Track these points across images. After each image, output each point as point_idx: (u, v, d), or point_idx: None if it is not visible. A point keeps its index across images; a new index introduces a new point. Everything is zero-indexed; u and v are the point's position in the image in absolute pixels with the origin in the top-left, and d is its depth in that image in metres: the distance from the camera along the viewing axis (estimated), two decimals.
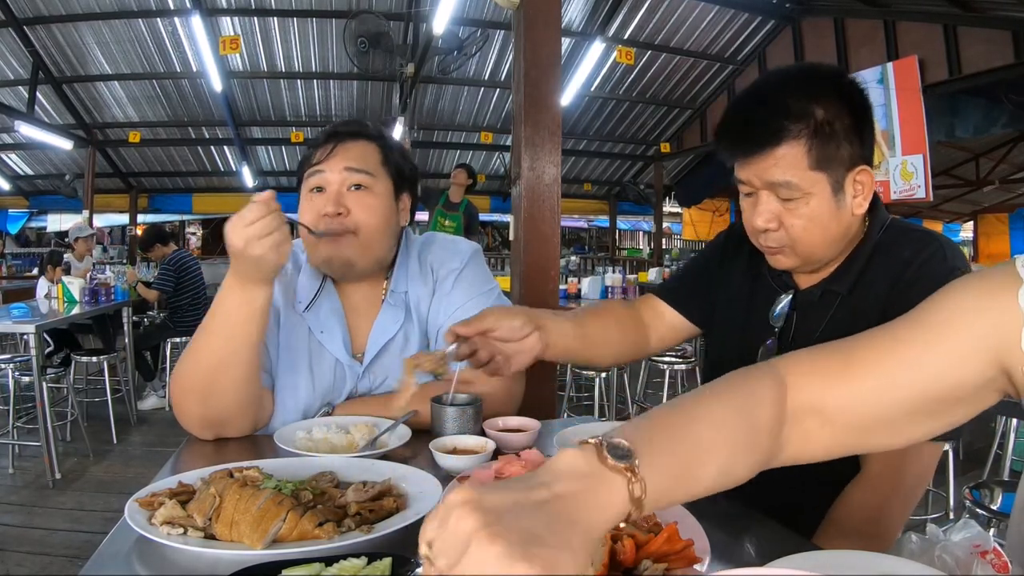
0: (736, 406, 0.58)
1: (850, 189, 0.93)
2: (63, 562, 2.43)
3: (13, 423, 3.49)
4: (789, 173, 0.89)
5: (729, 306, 1.12)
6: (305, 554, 0.63)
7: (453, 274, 1.21)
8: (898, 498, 0.93)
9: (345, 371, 1.15)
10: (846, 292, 0.97)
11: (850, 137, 0.90)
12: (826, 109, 0.89)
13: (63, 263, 5.36)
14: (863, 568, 0.64)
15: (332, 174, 1.11)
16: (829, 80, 0.92)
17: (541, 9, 2.29)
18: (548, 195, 2.31)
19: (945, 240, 0.96)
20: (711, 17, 6.99)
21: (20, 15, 6.33)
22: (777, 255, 0.98)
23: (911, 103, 5.63)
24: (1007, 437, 2.36)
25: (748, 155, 0.91)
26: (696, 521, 0.68)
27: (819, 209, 0.91)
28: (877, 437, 0.63)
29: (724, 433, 0.56)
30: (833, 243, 0.95)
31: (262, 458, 0.90)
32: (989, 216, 12.54)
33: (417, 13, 5.82)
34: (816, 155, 0.88)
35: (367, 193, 1.12)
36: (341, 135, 1.15)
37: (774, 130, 0.88)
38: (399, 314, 1.18)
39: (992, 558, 0.75)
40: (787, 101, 0.89)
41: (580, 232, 16.09)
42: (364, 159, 1.14)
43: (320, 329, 1.15)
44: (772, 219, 0.93)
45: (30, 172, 9.60)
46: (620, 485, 0.48)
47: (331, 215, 1.09)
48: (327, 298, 1.18)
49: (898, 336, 0.61)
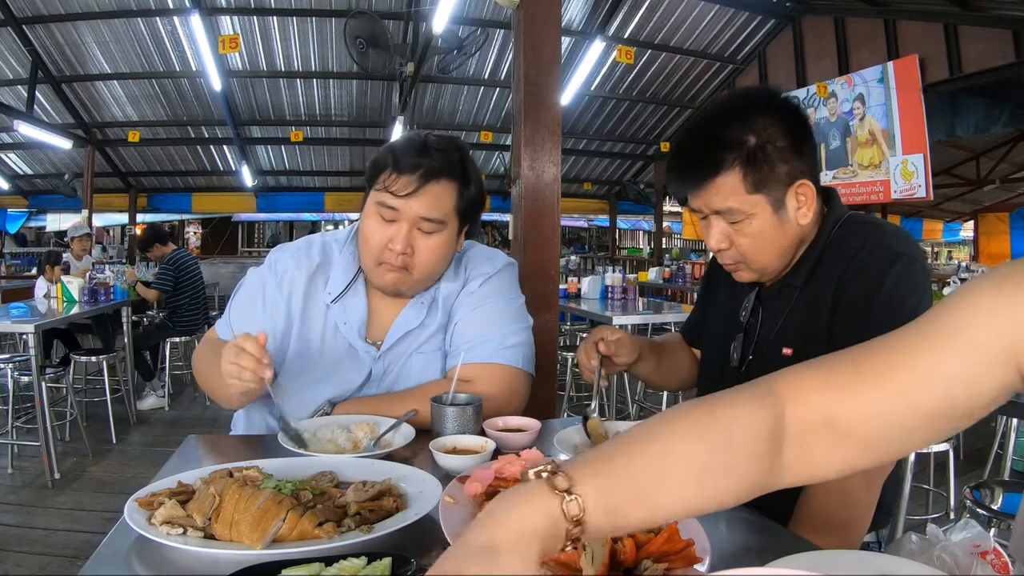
0: (701, 429, 0.55)
1: (792, 203, 0.99)
2: (62, 562, 2.42)
3: (12, 423, 3.49)
4: (729, 200, 0.97)
5: (715, 317, 1.23)
6: (305, 554, 0.63)
7: (483, 276, 1.24)
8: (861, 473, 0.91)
9: (360, 355, 1.18)
10: (801, 285, 1.04)
11: (785, 156, 0.96)
12: (758, 135, 0.95)
13: (62, 262, 5.35)
14: (863, 568, 0.64)
15: (407, 214, 1.11)
16: (760, 105, 0.98)
17: (541, 8, 2.29)
18: (548, 194, 2.30)
19: (892, 228, 1.02)
20: (711, 16, 6.99)
21: (19, 14, 6.32)
22: (737, 271, 1.07)
23: (911, 102, 5.63)
24: (1007, 437, 2.36)
25: (693, 189, 0.99)
26: (696, 521, 0.68)
27: (763, 227, 0.98)
28: (895, 446, 0.60)
29: (685, 457, 0.53)
30: (783, 253, 1.03)
31: (262, 458, 0.90)
32: (990, 215, 12.55)
33: (417, 12, 5.81)
34: (752, 179, 0.95)
35: (436, 236, 1.13)
36: (427, 173, 1.10)
37: (710, 163, 0.96)
38: (423, 310, 1.21)
39: (992, 558, 0.75)
40: (719, 133, 0.97)
41: (580, 231, 16.09)
42: (441, 206, 1.12)
43: (344, 321, 1.19)
44: (723, 240, 1.01)
45: (29, 171, 9.59)
46: (545, 494, 0.48)
47: (398, 252, 1.11)
48: (355, 292, 1.21)
49: (910, 342, 0.58)
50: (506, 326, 1.21)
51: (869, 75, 6.02)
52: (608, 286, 4.61)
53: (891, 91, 5.79)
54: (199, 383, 1.27)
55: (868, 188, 6.17)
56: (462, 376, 1.11)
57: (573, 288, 4.76)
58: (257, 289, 1.22)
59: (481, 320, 1.20)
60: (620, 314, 3.92)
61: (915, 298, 0.95)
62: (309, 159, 9.90)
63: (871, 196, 6.18)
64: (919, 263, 0.98)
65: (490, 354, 1.17)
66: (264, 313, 1.20)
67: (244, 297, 1.24)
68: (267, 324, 1.18)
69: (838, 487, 0.92)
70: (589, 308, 4.30)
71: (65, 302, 4.25)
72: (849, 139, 6.31)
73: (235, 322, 1.21)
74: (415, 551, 0.67)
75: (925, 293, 0.97)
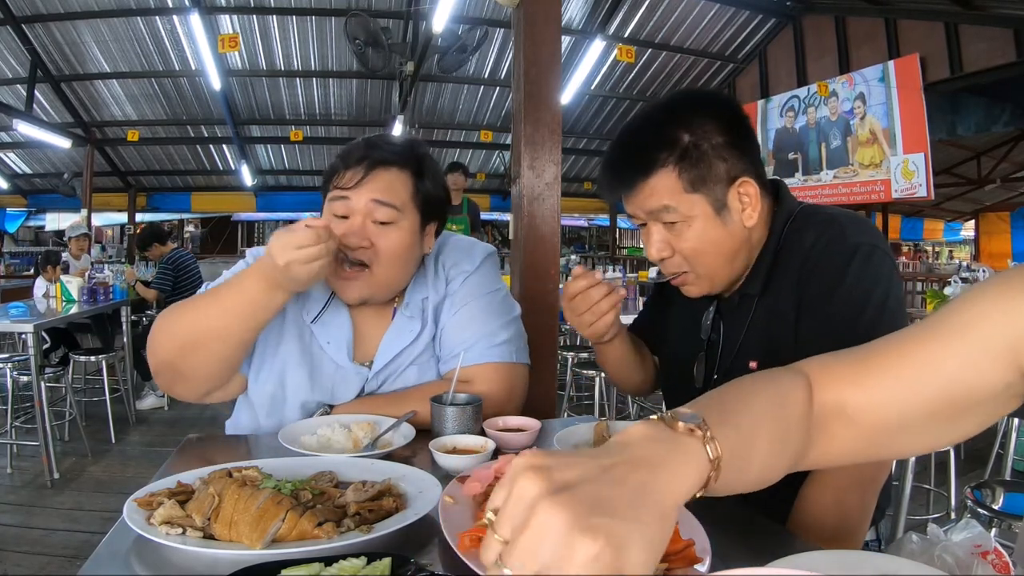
0: (770, 397, 0.58)
1: (735, 204, 0.94)
2: (61, 562, 2.42)
3: (11, 423, 3.49)
4: (665, 198, 0.92)
5: (674, 331, 1.18)
6: (304, 554, 0.63)
7: (463, 274, 1.20)
8: (856, 489, 0.91)
9: (349, 376, 1.14)
10: (759, 292, 0.99)
11: (723, 154, 0.92)
12: (692, 133, 0.92)
13: (61, 262, 5.35)
14: (863, 568, 0.63)
15: (358, 203, 1.06)
16: (694, 104, 0.95)
17: (541, 7, 2.29)
18: (548, 194, 2.30)
19: (848, 218, 0.97)
20: (712, 15, 6.99)
21: (18, 13, 6.32)
22: (685, 285, 1.01)
23: (912, 101, 5.63)
24: (1008, 437, 2.36)
25: (627, 191, 0.95)
26: (697, 521, 0.68)
27: (704, 229, 0.93)
28: (898, 441, 0.63)
29: (768, 418, 0.56)
30: (731, 258, 0.97)
31: (261, 458, 0.90)
32: (991, 215, 12.54)
33: (417, 11, 5.81)
34: (688, 177, 0.91)
35: (393, 229, 1.08)
36: (374, 161, 1.08)
37: (642, 162, 0.93)
38: (415, 324, 1.16)
39: (993, 558, 0.75)
40: (651, 132, 0.94)
41: (580, 231, 16.09)
42: (393, 191, 1.08)
43: (327, 340, 1.13)
44: (664, 247, 0.96)
45: (28, 171, 9.59)
46: (696, 447, 0.46)
47: (353, 248, 1.05)
48: (335, 310, 1.15)
49: (917, 338, 0.60)
50: (492, 322, 1.18)
51: (870, 74, 6.02)
52: None
53: (892, 90, 5.79)
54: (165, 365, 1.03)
55: (869, 187, 6.17)
56: (459, 378, 1.10)
57: None
58: None
59: (467, 321, 1.17)
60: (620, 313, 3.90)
61: (880, 289, 0.90)
62: (309, 158, 9.90)
63: (872, 195, 6.18)
64: (880, 250, 0.93)
65: (482, 354, 1.15)
66: None
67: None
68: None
69: (832, 495, 0.90)
70: None
71: (64, 302, 4.25)
72: (850, 138, 6.31)
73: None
74: (415, 551, 0.67)
75: (891, 281, 0.92)
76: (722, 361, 1.04)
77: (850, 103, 6.24)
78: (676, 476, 0.45)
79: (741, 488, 0.53)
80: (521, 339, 1.23)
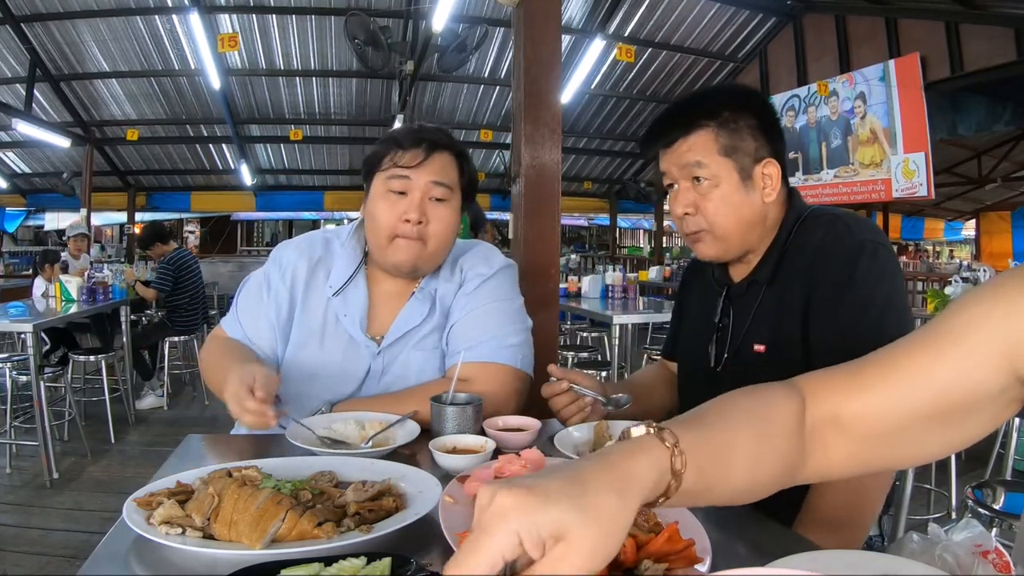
0: (752, 409, 0.59)
1: (759, 180, 1.05)
2: (60, 562, 2.42)
3: (11, 422, 3.49)
4: (700, 154, 1.03)
5: (690, 324, 1.27)
6: (304, 554, 0.62)
7: (480, 278, 1.25)
8: (866, 489, 0.96)
9: (360, 349, 1.20)
10: (767, 281, 1.07)
11: (754, 134, 1.04)
12: (731, 110, 1.04)
13: (60, 261, 5.35)
14: (863, 568, 0.63)
15: (419, 182, 1.15)
16: (735, 93, 1.08)
17: (541, 6, 2.28)
18: (548, 193, 2.30)
19: (852, 217, 1.05)
20: (712, 14, 6.98)
21: (18, 12, 6.31)
22: (698, 243, 1.09)
23: (913, 100, 5.62)
24: (1009, 437, 2.36)
25: (667, 145, 1.07)
26: (697, 521, 0.67)
27: (729, 193, 1.04)
28: (894, 449, 0.62)
29: (746, 429, 0.56)
30: (747, 228, 1.06)
31: (261, 458, 0.89)
32: (991, 214, 12.54)
33: (417, 10, 5.80)
34: (723, 143, 1.03)
35: (445, 206, 1.18)
36: (432, 144, 1.17)
37: (686, 122, 1.05)
38: (424, 307, 1.23)
39: (994, 558, 0.75)
40: (697, 102, 1.07)
41: (580, 230, 16.09)
42: (448, 172, 1.19)
43: (344, 313, 1.21)
44: (689, 205, 1.06)
45: (28, 170, 9.59)
46: (653, 443, 0.49)
47: (414, 222, 1.14)
48: (356, 285, 1.23)
49: (911, 346, 0.60)
50: (506, 326, 1.22)
51: (870, 73, 6.02)
52: (608, 285, 4.61)
53: (892, 89, 5.79)
54: (207, 382, 1.25)
55: (869, 187, 6.17)
56: (461, 375, 1.11)
57: (573, 287, 4.76)
58: (263, 282, 1.27)
59: (480, 321, 1.21)
60: (620, 313, 3.91)
61: (886, 285, 0.97)
62: (308, 158, 9.90)
63: (872, 195, 6.18)
64: (884, 247, 1.00)
65: (490, 353, 1.18)
66: (269, 304, 1.24)
67: (251, 291, 1.28)
68: (272, 313, 1.23)
69: (846, 487, 0.93)
70: (589, 307, 4.30)
71: (63, 301, 4.25)
72: (850, 138, 6.31)
73: (243, 317, 1.27)
74: (415, 551, 0.67)
75: (896, 278, 0.99)
76: (732, 343, 1.12)
77: (850, 102, 6.24)
78: (640, 461, 0.48)
79: (726, 495, 0.56)
80: (529, 349, 1.26)
